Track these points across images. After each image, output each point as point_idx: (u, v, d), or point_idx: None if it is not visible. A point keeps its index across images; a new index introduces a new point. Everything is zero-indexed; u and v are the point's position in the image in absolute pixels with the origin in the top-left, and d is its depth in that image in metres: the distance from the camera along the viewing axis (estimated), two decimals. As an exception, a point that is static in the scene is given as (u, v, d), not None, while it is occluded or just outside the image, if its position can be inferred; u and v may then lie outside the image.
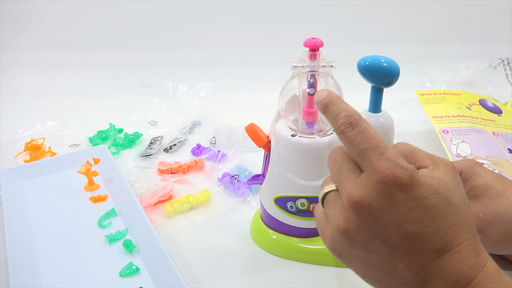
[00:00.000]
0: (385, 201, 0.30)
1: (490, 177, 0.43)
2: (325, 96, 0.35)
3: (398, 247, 0.31)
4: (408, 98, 0.93)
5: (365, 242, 0.32)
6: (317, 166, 0.45)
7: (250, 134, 0.48)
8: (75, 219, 0.56)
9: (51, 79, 1.01)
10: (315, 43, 0.42)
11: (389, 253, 0.31)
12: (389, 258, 0.31)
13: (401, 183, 0.30)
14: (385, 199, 0.30)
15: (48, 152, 0.72)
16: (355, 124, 0.32)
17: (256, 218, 0.54)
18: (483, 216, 0.41)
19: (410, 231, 0.30)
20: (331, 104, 0.34)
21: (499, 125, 0.74)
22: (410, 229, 0.30)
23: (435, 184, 0.31)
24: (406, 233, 0.30)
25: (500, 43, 1.11)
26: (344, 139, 0.33)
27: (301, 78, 0.44)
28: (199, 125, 0.82)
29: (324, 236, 0.35)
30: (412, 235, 0.30)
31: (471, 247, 0.31)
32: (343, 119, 0.33)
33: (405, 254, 0.31)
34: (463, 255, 0.30)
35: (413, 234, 0.30)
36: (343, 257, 0.34)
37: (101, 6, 1.05)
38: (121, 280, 0.47)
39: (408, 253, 0.31)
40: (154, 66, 1.05)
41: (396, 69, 0.42)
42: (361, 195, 0.31)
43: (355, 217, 0.31)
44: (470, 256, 0.30)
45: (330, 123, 0.34)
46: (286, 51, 1.01)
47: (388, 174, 0.30)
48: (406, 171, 0.30)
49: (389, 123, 0.46)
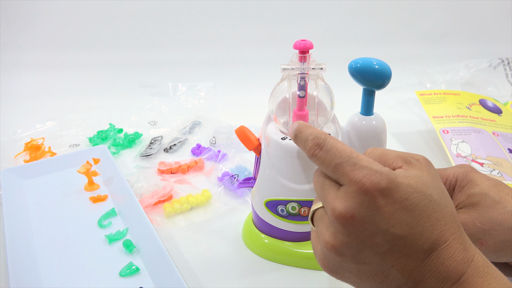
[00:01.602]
0: (367, 210, 0.30)
1: (486, 184, 0.42)
2: (295, 127, 0.36)
3: (387, 253, 0.31)
4: (408, 98, 0.93)
5: (355, 254, 0.32)
6: (308, 169, 0.44)
7: (240, 137, 0.47)
8: (75, 219, 0.56)
9: (51, 79, 1.01)
10: (304, 45, 0.41)
11: (379, 261, 0.31)
12: (380, 266, 0.31)
13: (379, 188, 0.30)
14: (367, 208, 0.30)
15: (48, 152, 0.72)
16: (322, 143, 0.33)
17: (247, 222, 0.53)
18: (480, 225, 0.41)
19: (396, 235, 0.30)
20: (299, 133, 0.36)
21: (499, 125, 0.74)
22: (396, 233, 0.30)
23: (413, 183, 0.31)
24: (393, 237, 0.30)
25: (500, 43, 1.11)
26: (317, 161, 0.33)
27: (291, 81, 0.43)
28: (199, 125, 0.82)
29: (316, 254, 0.35)
30: (399, 239, 0.30)
31: (457, 242, 0.31)
32: (310, 142, 0.34)
33: (395, 259, 0.31)
34: (450, 251, 0.30)
35: (400, 237, 0.30)
36: (336, 273, 0.34)
37: (101, 6, 1.05)
38: (121, 280, 0.47)
39: (398, 257, 0.31)
40: (154, 66, 1.05)
41: (388, 71, 0.42)
42: (342, 208, 0.31)
43: (341, 230, 0.31)
44: (458, 251, 0.30)
45: (303, 151, 0.35)
46: (286, 51, 1.01)
47: (365, 182, 0.30)
48: (382, 174, 0.30)
49: (381, 126, 0.46)
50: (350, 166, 0.31)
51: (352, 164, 0.31)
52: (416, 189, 0.31)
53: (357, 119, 0.46)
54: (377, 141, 0.47)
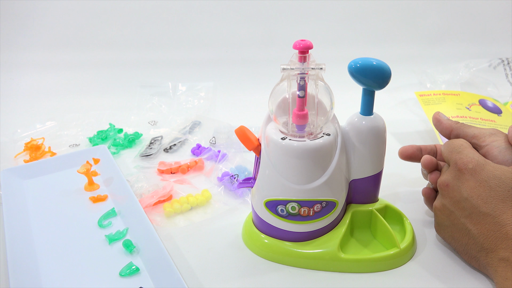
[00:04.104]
0: (456, 181, 0.44)
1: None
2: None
3: (467, 218, 0.43)
4: (408, 98, 0.93)
5: (448, 215, 0.45)
6: (308, 169, 0.44)
7: (240, 137, 0.47)
8: (75, 219, 0.56)
9: (51, 79, 1.01)
10: (304, 45, 0.41)
11: (464, 223, 0.43)
12: (464, 226, 0.43)
13: (467, 168, 0.43)
14: (457, 180, 0.44)
15: (48, 152, 0.72)
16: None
17: (247, 222, 0.53)
18: None
19: (473, 204, 0.42)
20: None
21: (499, 125, 0.74)
22: (473, 202, 0.42)
23: (498, 173, 0.41)
24: (471, 206, 0.42)
25: (500, 43, 1.11)
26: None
27: (290, 81, 0.43)
28: (199, 125, 0.82)
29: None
30: (475, 208, 0.42)
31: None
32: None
33: (474, 224, 0.42)
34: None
35: (475, 207, 0.42)
36: (438, 231, 0.49)
37: (101, 6, 1.05)
38: (121, 280, 0.47)
39: (475, 223, 0.42)
40: (154, 66, 1.05)
41: (387, 71, 0.42)
42: (443, 179, 0.46)
43: (441, 194, 0.46)
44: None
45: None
46: (286, 51, 1.01)
47: (458, 162, 0.44)
48: (472, 159, 0.43)
49: (381, 126, 0.46)
50: (455, 153, 0.45)
51: (457, 152, 0.45)
52: (496, 176, 0.41)
53: (357, 119, 0.46)
54: (377, 141, 0.47)
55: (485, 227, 0.41)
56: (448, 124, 0.51)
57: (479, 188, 0.42)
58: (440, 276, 0.46)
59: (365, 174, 0.48)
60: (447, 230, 0.47)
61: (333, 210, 0.47)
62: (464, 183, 0.43)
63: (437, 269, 0.47)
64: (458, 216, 0.44)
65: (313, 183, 0.45)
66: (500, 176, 0.41)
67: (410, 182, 0.63)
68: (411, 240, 0.49)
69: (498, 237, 0.40)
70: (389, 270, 0.47)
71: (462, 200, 0.43)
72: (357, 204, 0.51)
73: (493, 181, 0.41)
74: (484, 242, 0.41)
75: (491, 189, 0.41)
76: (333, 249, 0.47)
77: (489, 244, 0.41)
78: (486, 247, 0.41)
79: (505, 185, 0.41)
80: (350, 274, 0.47)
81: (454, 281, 0.45)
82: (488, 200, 0.41)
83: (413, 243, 0.49)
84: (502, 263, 0.40)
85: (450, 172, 0.45)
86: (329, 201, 0.46)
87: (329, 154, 0.45)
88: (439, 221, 0.48)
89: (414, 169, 0.60)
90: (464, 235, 0.44)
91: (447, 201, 0.45)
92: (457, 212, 0.44)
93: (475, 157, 0.43)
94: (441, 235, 0.49)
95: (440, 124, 0.52)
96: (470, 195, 0.42)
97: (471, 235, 0.43)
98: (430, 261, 0.48)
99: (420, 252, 0.50)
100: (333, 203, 0.47)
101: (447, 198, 0.45)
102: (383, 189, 0.52)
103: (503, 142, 0.46)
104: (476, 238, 0.42)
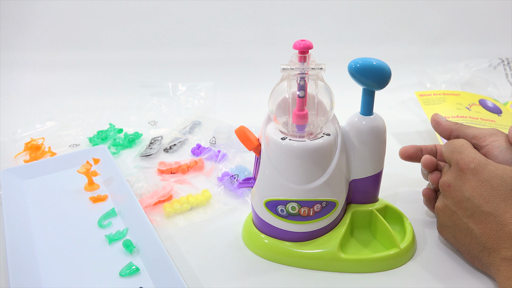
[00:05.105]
0: (458, 181, 0.44)
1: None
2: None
3: (470, 217, 0.43)
4: (408, 98, 0.93)
5: (450, 215, 0.45)
6: (308, 169, 0.44)
7: (240, 137, 0.46)
8: (75, 219, 0.56)
9: (51, 79, 1.01)
10: (304, 45, 0.41)
11: (466, 223, 0.43)
12: (467, 226, 0.43)
13: (469, 167, 0.43)
14: (458, 180, 0.44)
15: (48, 152, 0.72)
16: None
17: (247, 222, 0.53)
18: None
19: (475, 203, 0.42)
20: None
21: (499, 125, 0.74)
22: (475, 202, 0.42)
23: (500, 172, 0.41)
24: (473, 205, 0.42)
25: (500, 43, 1.11)
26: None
27: (290, 81, 0.43)
28: (199, 125, 0.82)
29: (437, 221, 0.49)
30: (477, 207, 0.42)
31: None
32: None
33: (476, 224, 0.42)
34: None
35: (477, 206, 0.41)
36: (440, 232, 0.49)
37: (101, 6, 1.05)
38: (121, 280, 0.47)
39: (477, 223, 0.42)
40: (154, 66, 1.05)
41: (387, 71, 0.42)
42: (444, 179, 0.46)
43: (443, 195, 0.46)
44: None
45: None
46: (286, 51, 1.01)
47: (460, 162, 0.44)
48: (474, 159, 0.43)
49: (381, 126, 0.46)
50: (457, 153, 0.45)
51: (458, 152, 0.45)
52: (498, 175, 0.41)
53: (357, 119, 0.46)
54: (377, 141, 0.47)
55: (487, 227, 0.41)
56: (447, 126, 0.51)
57: (481, 187, 0.42)
58: (440, 276, 0.46)
59: (365, 174, 0.48)
60: (449, 231, 0.47)
61: (333, 210, 0.47)
62: (466, 183, 0.43)
63: (437, 269, 0.47)
64: (460, 216, 0.44)
65: (313, 183, 0.45)
66: (502, 175, 0.41)
67: (410, 182, 0.63)
68: (411, 240, 0.49)
69: (500, 237, 0.40)
70: (389, 270, 0.47)
71: (464, 200, 0.43)
72: (357, 204, 0.51)
73: (495, 181, 0.41)
74: (486, 241, 0.41)
75: (493, 189, 0.41)
76: (333, 249, 0.47)
77: (491, 244, 0.41)
78: (489, 246, 0.41)
79: (507, 184, 0.41)
80: (350, 274, 0.47)
81: (454, 281, 0.45)
82: (490, 200, 0.41)
83: (413, 243, 0.49)
84: (505, 263, 0.40)
85: (452, 172, 0.45)
86: (329, 201, 0.46)
87: (329, 154, 0.45)
88: (441, 221, 0.47)
89: (414, 169, 0.60)
90: (467, 235, 0.44)
91: (449, 201, 0.45)
92: (459, 212, 0.44)
93: (477, 157, 0.43)
94: (444, 236, 0.48)
95: (439, 126, 0.52)
96: (472, 195, 0.42)
97: (474, 235, 0.43)
98: (430, 261, 0.48)
99: (420, 252, 0.50)
100: (333, 203, 0.47)
101: (449, 198, 0.45)
102: (383, 189, 0.52)
103: (503, 142, 0.46)
104: (478, 237, 0.42)
